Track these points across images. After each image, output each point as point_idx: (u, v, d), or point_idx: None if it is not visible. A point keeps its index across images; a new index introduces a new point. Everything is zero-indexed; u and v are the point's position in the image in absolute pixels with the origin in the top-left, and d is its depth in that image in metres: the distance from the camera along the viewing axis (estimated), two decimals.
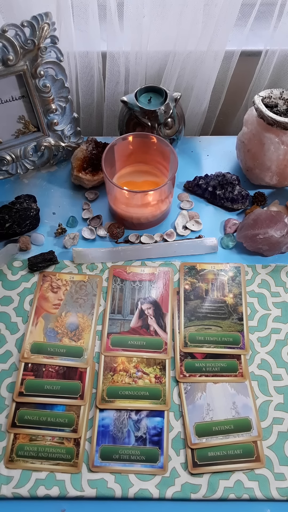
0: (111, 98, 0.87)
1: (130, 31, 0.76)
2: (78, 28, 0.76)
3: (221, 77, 0.86)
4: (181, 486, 0.54)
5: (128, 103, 0.73)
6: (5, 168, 0.76)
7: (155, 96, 0.75)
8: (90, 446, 0.56)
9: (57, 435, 0.56)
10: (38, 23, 0.62)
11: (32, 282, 0.68)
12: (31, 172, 0.81)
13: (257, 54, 0.84)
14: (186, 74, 0.83)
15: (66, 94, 0.73)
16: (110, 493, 0.53)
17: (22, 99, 0.70)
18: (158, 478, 0.54)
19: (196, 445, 0.56)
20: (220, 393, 0.59)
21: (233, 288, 0.68)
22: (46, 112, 0.72)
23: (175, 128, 0.77)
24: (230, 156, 0.84)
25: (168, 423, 0.57)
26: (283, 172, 0.73)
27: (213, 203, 0.78)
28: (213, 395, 0.59)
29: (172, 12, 0.75)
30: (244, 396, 0.59)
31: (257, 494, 0.53)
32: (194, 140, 0.88)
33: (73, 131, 0.78)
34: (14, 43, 0.62)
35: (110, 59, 0.80)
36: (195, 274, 0.69)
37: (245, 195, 0.76)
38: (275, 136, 0.70)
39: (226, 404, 0.59)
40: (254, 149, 0.73)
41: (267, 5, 0.78)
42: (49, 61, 0.67)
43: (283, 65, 0.86)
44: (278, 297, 0.68)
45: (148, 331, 0.64)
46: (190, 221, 0.75)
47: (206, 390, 0.60)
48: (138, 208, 0.71)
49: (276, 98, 0.72)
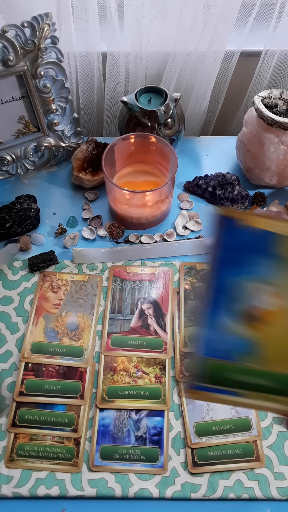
0: (111, 99, 0.87)
1: (130, 31, 0.76)
2: (78, 29, 0.76)
3: (221, 78, 0.86)
4: (181, 486, 0.54)
5: (128, 104, 0.73)
6: (6, 168, 0.76)
7: (155, 96, 0.75)
8: (90, 446, 0.56)
9: (57, 435, 0.56)
10: (38, 24, 0.63)
11: (32, 282, 0.68)
12: (31, 172, 0.81)
13: (257, 54, 0.84)
14: (186, 74, 0.83)
15: (66, 95, 0.73)
16: (110, 492, 0.53)
17: (22, 100, 0.70)
18: (158, 477, 0.54)
19: (196, 444, 0.56)
20: None
21: None
22: (47, 113, 0.73)
23: (175, 128, 0.77)
24: (230, 156, 0.85)
25: (168, 423, 0.57)
26: (282, 172, 0.74)
27: (213, 203, 0.78)
28: None
29: (172, 12, 0.75)
30: None
31: (257, 494, 0.53)
32: (194, 140, 0.88)
33: (73, 132, 0.79)
34: (15, 43, 0.63)
35: (110, 60, 0.80)
36: (195, 274, 0.69)
37: (245, 195, 0.76)
38: (274, 136, 0.70)
39: None
40: (254, 149, 0.73)
41: (267, 6, 0.78)
42: (49, 62, 0.67)
43: (283, 66, 0.86)
44: None
45: (148, 331, 0.64)
46: (190, 221, 0.75)
47: None
48: (138, 208, 0.71)
49: (276, 98, 0.72)
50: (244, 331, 0.32)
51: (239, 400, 0.31)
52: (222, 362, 0.31)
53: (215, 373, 0.31)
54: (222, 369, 0.31)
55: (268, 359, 0.31)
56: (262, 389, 0.31)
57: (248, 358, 0.31)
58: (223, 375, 0.31)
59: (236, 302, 0.32)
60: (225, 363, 0.31)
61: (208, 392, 0.31)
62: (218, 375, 0.31)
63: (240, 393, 0.31)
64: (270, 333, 0.31)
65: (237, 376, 0.31)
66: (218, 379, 0.31)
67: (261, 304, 0.31)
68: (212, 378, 0.31)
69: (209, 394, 0.32)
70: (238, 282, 0.32)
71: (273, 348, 0.31)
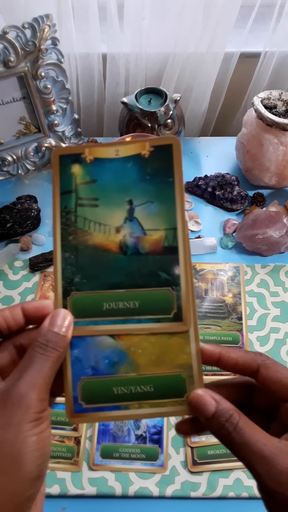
0: (111, 100, 0.87)
1: (130, 32, 0.76)
2: (78, 30, 0.76)
3: (221, 79, 0.87)
4: (181, 484, 0.54)
5: (128, 104, 0.74)
6: (6, 168, 0.76)
7: (155, 97, 0.76)
8: (90, 445, 0.56)
9: (58, 434, 0.56)
10: (39, 25, 0.63)
11: (33, 282, 0.68)
12: (32, 173, 0.81)
13: (256, 55, 0.84)
14: (186, 75, 0.84)
15: (67, 96, 0.73)
16: (111, 491, 0.53)
17: (23, 100, 0.71)
18: (158, 476, 0.54)
19: (195, 443, 0.56)
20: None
21: (233, 287, 0.68)
22: (47, 113, 0.73)
23: (175, 129, 0.77)
24: (229, 157, 0.85)
25: (168, 422, 0.58)
26: (282, 172, 0.74)
27: (212, 203, 0.79)
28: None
29: (171, 14, 0.75)
30: None
31: (256, 493, 0.53)
32: (193, 141, 0.88)
33: (74, 132, 0.79)
34: (15, 44, 0.63)
35: (110, 61, 0.81)
36: (194, 274, 0.69)
37: (244, 196, 0.77)
38: (274, 137, 0.70)
39: None
40: (253, 150, 0.74)
41: (266, 7, 0.78)
42: (50, 63, 0.68)
43: (282, 67, 0.86)
44: (277, 297, 0.68)
45: None
46: (189, 221, 0.76)
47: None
48: None
49: (275, 99, 0.72)
50: (108, 341, 0.30)
51: (126, 413, 0.30)
52: (96, 379, 0.30)
53: (92, 391, 0.30)
54: (98, 385, 0.30)
55: (140, 363, 0.30)
56: (145, 395, 0.30)
57: (120, 367, 0.30)
58: (101, 391, 0.30)
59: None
60: (100, 379, 0.30)
61: (93, 412, 0.30)
62: (96, 393, 0.30)
63: (124, 406, 0.30)
64: (132, 337, 0.31)
65: (116, 389, 0.30)
66: (98, 397, 0.30)
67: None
68: (91, 397, 0.30)
69: (95, 415, 0.30)
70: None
71: (141, 351, 0.30)
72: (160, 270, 0.31)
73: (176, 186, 0.32)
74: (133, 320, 0.31)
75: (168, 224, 0.31)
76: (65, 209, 0.32)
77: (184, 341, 0.31)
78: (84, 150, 0.32)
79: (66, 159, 0.32)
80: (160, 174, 0.32)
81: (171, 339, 0.31)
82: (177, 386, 0.30)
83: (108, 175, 0.32)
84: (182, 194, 0.32)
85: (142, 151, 0.32)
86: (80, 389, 0.30)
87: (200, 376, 0.30)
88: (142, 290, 0.31)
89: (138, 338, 0.31)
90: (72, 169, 0.32)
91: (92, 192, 0.32)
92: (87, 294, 0.31)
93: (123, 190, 0.32)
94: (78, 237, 0.31)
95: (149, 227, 0.31)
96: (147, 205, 0.32)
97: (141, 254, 0.31)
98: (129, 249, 0.31)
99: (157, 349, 0.31)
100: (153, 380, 0.30)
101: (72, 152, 0.32)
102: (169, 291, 0.31)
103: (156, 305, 0.31)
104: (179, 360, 0.31)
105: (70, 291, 0.31)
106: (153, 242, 0.31)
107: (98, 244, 0.31)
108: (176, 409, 0.30)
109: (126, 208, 0.32)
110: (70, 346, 0.30)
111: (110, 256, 0.31)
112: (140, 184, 0.32)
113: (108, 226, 0.32)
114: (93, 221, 0.32)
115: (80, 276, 0.31)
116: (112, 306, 0.31)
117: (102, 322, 0.31)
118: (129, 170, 0.32)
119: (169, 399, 0.30)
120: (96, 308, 0.31)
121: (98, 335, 0.31)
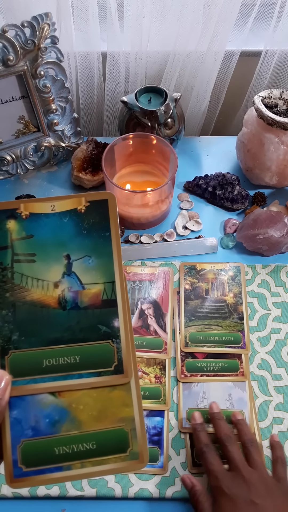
0: (111, 98, 0.87)
1: (130, 31, 0.76)
2: (78, 29, 0.76)
3: (221, 77, 0.86)
4: (181, 486, 0.54)
5: (128, 103, 0.73)
6: (6, 168, 0.76)
7: (155, 96, 0.75)
8: None
9: None
10: (38, 24, 0.63)
11: None
12: (31, 172, 0.81)
13: (257, 54, 0.84)
14: (186, 74, 0.83)
15: (66, 94, 0.73)
16: (110, 492, 0.53)
17: (22, 99, 0.70)
18: (158, 477, 0.54)
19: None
20: (217, 383, 0.60)
21: (233, 287, 0.68)
22: (46, 112, 0.72)
23: (175, 128, 0.77)
24: (230, 156, 0.84)
25: (168, 423, 0.57)
26: (283, 172, 0.74)
27: (213, 203, 0.78)
28: (210, 384, 0.60)
29: (172, 12, 0.75)
30: (241, 390, 0.59)
31: None
32: (194, 140, 0.88)
33: (73, 131, 0.79)
34: (14, 43, 0.62)
35: (110, 60, 0.80)
36: (195, 274, 0.69)
37: (245, 195, 0.76)
38: (275, 136, 0.70)
39: (222, 394, 0.59)
40: (254, 149, 0.73)
41: (267, 5, 0.78)
42: (49, 62, 0.67)
43: (283, 65, 0.86)
44: (278, 297, 0.68)
45: (148, 331, 0.64)
46: (190, 221, 0.75)
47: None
48: (138, 208, 0.71)
49: (276, 98, 0.72)
50: (49, 399, 0.30)
51: (69, 474, 0.29)
52: (37, 440, 0.29)
53: (33, 453, 0.29)
54: (39, 446, 0.29)
55: (81, 420, 0.30)
56: (87, 454, 0.29)
57: (62, 426, 0.30)
58: (42, 453, 0.29)
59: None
60: (40, 440, 0.29)
61: (34, 476, 0.29)
62: (37, 455, 0.29)
63: (66, 466, 0.29)
64: (73, 393, 0.30)
65: (58, 449, 0.29)
66: (39, 459, 0.29)
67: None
68: (32, 460, 0.29)
69: (36, 478, 0.29)
70: None
71: (83, 407, 0.30)
72: (100, 323, 0.31)
73: (113, 239, 0.32)
74: (74, 375, 0.31)
75: (106, 278, 0.32)
76: (1, 265, 0.32)
77: (125, 394, 0.31)
78: (19, 205, 0.32)
79: (1, 214, 0.32)
80: (96, 229, 0.32)
81: (112, 392, 0.31)
82: (119, 441, 0.30)
83: (44, 230, 0.32)
84: (119, 247, 0.33)
85: (78, 206, 0.33)
86: (20, 452, 0.29)
87: (143, 429, 0.30)
88: (82, 345, 0.31)
89: (79, 394, 0.30)
90: (7, 225, 0.32)
91: (29, 247, 0.32)
92: (26, 351, 0.31)
93: (60, 245, 0.32)
94: (15, 293, 0.31)
95: (88, 281, 0.32)
96: (84, 260, 0.32)
97: (80, 308, 0.32)
98: (68, 303, 0.32)
99: (99, 404, 0.30)
100: (95, 437, 0.30)
101: (6, 207, 0.32)
102: (109, 344, 0.31)
103: (97, 358, 0.31)
104: (121, 413, 0.31)
105: (8, 350, 0.31)
106: (92, 296, 0.32)
107: (36, 300, 0.31)
108: (119, 465, 0.29)
109: (63, 263, 0.32)
110: (9, 407, 0.29)
111: (49, 312, 0.31)
112: (77, 238, 0.32)
113: (46, 281, 0.32)
114: (30, 277, 0.32)
115: (18, 334, 0.31)
116: (52, 362, 0.31)
117: (42, 379, 0.30)
118: (65, 225, 0.32)
119: (112, 455, 0.30)
120: (35, 366, 0.30)
121: (38, 393, 0.30)
